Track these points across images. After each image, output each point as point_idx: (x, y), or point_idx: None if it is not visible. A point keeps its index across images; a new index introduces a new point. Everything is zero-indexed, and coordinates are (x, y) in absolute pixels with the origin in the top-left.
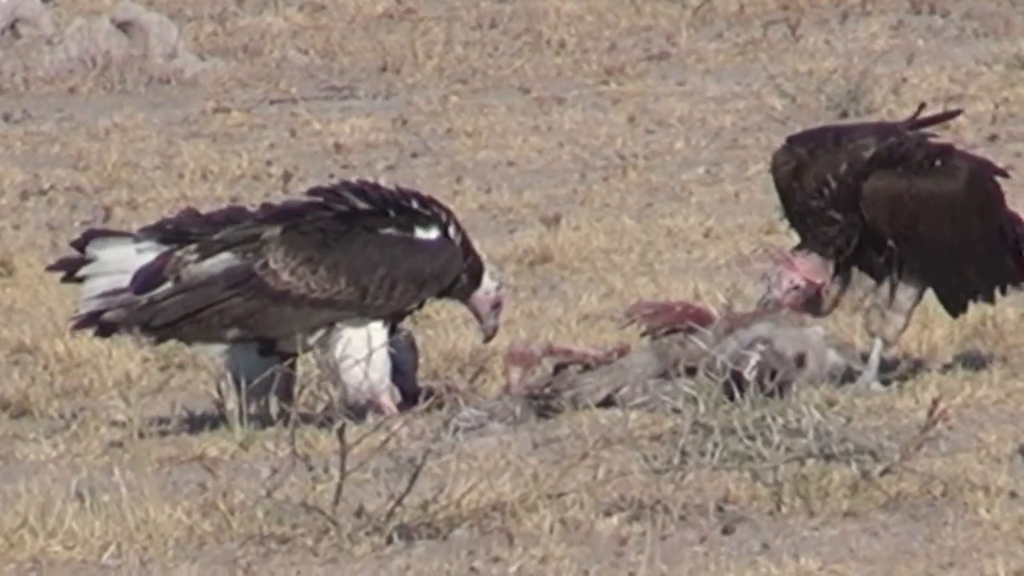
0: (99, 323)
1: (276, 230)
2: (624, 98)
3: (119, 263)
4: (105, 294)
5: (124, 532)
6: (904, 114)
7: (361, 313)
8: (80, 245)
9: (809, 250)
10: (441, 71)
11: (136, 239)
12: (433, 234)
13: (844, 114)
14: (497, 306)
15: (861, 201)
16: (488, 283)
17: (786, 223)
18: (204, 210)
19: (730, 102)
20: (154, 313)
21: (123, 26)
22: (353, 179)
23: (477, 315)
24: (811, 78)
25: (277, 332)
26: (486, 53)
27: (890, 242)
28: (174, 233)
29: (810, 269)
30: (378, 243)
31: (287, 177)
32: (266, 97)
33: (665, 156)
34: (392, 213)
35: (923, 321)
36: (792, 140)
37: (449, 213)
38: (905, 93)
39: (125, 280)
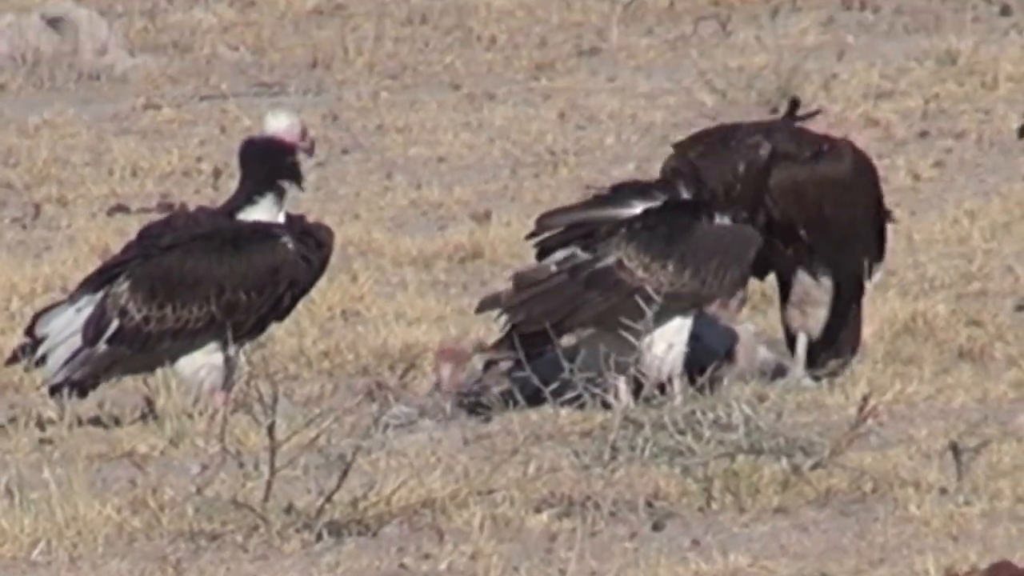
0: (71, 386)
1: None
2: (555, 94)
3: (68, 328)
4: (67, 361)
5: (54, 529)
6: (835, 110)
7: (695, 303)
8: (30, 330)
9: None
10: (371, 67)
11: (72, 301)
12: (727, 219)
13: (775, 110)
14: None
15: (768, 196)
16: None
17: None
18: (134, 207)
19: (660, 98)
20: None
21: (53, 22)
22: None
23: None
24: (741, 74)
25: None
26: (416, 49)
27: (802, 231)
28: (100, 279)
29: None
30: (713, 233)
31: (217, 174)
32: (196, 93)
33: (596, 152)
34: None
35: None
36: (679, 146)
37: None
38: (835, 89)
39: (79, 340)
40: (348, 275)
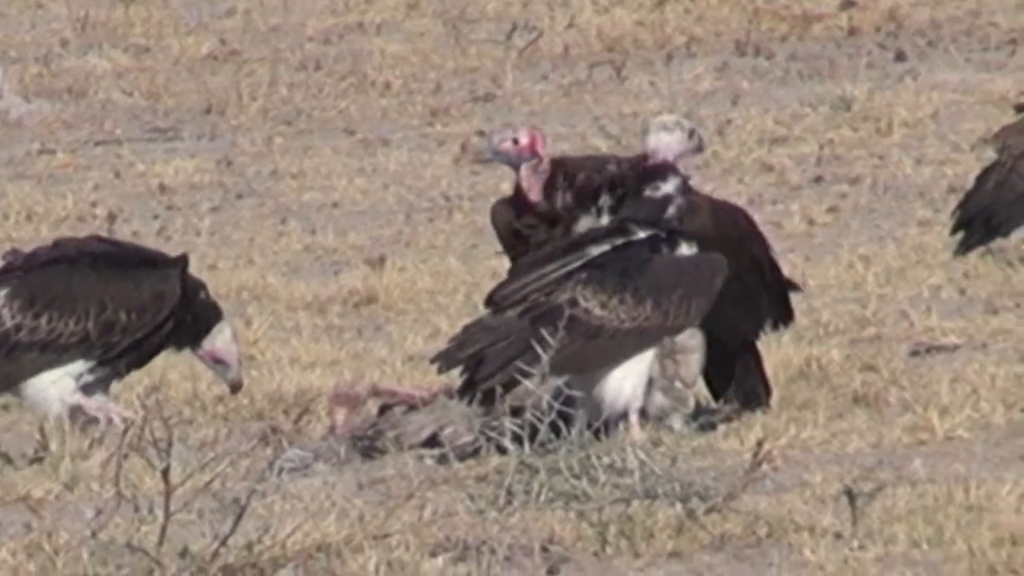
0: None
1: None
2: (449, 139)
3: None
4: None
5: None
6: (730, 155)
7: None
8: None
9: None
10: (266, 113)
11: None
12: (691, 249)
13: None
14: None
15: None
16: None
17: None
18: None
19: (555, 144)
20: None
21: None
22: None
23: None
24: (636, 120)
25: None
26: (311, 95)
27: None
28: None
29: None
30: (674, 264)
31: (112, 218)
32: (91, 138)
33: (490, 197)
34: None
35: None
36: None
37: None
38: (730, 135)
39: None
40: (243, 320)
